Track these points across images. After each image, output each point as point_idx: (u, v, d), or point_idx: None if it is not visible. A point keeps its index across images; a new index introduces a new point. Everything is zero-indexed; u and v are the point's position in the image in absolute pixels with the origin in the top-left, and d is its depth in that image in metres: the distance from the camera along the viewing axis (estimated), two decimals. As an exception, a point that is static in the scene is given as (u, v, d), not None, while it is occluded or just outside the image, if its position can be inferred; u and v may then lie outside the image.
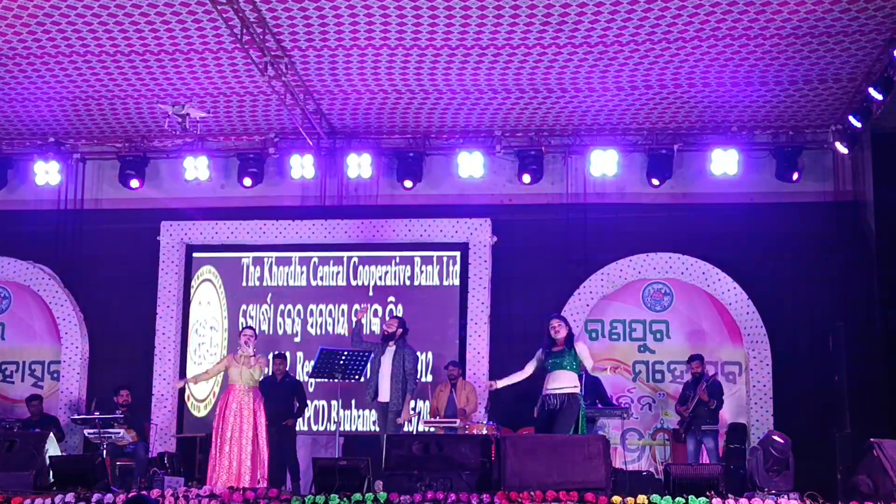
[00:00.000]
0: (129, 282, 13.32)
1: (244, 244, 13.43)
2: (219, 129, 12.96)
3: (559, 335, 9.12)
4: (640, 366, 12.70)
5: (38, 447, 7.95)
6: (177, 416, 13.10)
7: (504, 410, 11.71)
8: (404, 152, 13.08)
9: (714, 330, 12.70)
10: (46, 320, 13.50)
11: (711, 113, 12.17)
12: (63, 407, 13.02)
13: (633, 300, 12.90)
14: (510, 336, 12.79)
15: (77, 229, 13.56)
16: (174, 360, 13.15)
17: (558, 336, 9.12)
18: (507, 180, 13.15)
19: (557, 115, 12.30)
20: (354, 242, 13.28)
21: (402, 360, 10.79)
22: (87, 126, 12.82)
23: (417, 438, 8.15)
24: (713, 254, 12.67)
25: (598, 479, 7.37)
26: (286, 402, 11.85)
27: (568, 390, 8.97)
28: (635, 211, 12.94)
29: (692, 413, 11.29)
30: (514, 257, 13.03)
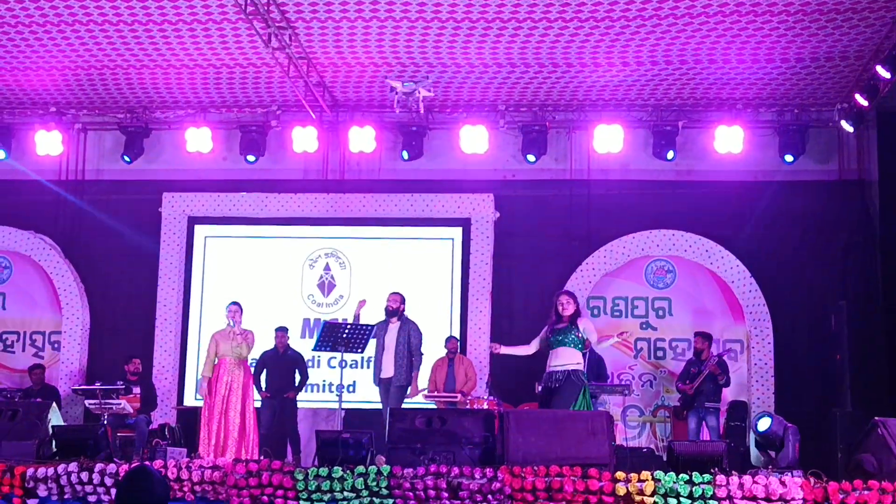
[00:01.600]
0: (131, 253, 13.30)
1: (246, 217, 13.40)
2: (221, 101, 12.89)
3: (566, 312, 9.00)
4: (642, 343, 12.71)
5: (41, 417, 7.93)
6: (177, 387, 13.12)
7: (505, 386, 11.72)
8: (407, 126, 13.02)
9: (716, 307, 12.71)
10: (47, 291, 13.48)
11: (717, 90, 12.12)
12: (63, 377, 13.02)
13: (636, 277, 12.89)
14: (511, 312, 12.81)
15: (78, 200, 13.52)
16: (175, 332, 13.15)
17: (566, 313, 9.00)
18: (511, 156, 13.11)
19: (562, 90, 12.24)
20: (356, 216, 13.25)
21: (408, 335, 10.77)
22: (88, 96, 12.75)
23: (420, 412, 8.12)
24: (716, 231, 12.66)
25: (601, 455, 7.34)
26: (288, 375, 11.87)
27: (570, 367, 8.88)
28: (639, 188, 12.90)
29: (696, 389, 11.26)
30: (516, 233, 13.01)
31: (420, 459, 7.40)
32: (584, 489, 7.03)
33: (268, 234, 13.49)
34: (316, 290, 13.35)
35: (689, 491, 6.97)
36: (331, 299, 13.30)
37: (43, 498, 7.34)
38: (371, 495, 7.20)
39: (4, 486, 7.33)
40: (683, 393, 11.46)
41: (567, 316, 9.00)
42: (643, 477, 7.05)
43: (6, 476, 7.34)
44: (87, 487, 7.30)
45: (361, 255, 13.35)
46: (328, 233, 13.41)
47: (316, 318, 13.16)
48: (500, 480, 7.09)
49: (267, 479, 7.26)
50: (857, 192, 12.54)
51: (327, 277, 13.37)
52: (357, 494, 7.20)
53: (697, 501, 6.97)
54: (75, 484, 7.31)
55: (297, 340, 12.57)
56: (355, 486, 7.19)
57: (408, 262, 13.19)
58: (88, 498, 7.32)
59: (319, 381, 12.89)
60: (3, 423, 7.91)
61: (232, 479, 7.26)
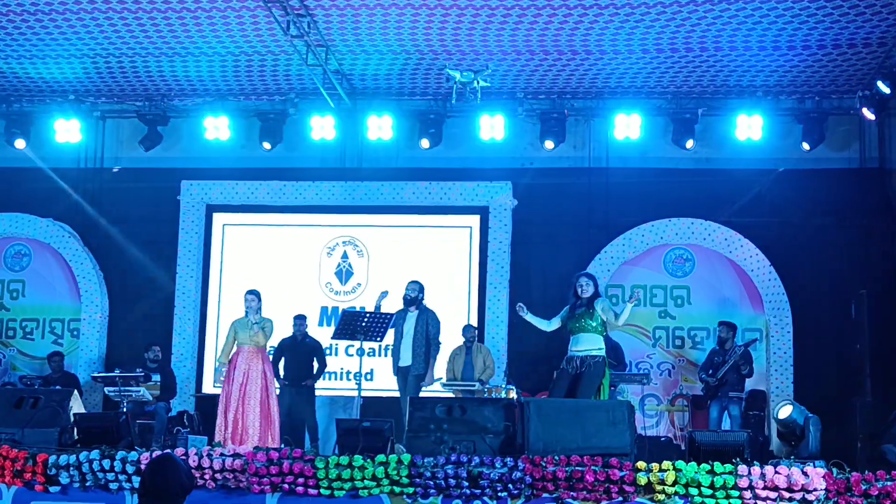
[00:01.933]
0: (150, 240, 13.34)
1: (264, 204, 13.41)
2: (239, 89, 12.87)
3: (586, 294, 8.98)
4: (661, 331, 12.69)
5: (63, 404, 7.97)
6: (196, 375, 13.16)
7: (523, 374, 11.71)
8: (425, 114, 12.99)
9: (735, 296, 12.65)
10: (67, 278, 13.53)
11: (737, 77, 12.03)
12: (83, 364, 13.08)
13: (655, 265, 12.85)
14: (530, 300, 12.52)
15: (97, 188, 13.56)
16: (194, 319, 13.19)
17: (585, 295, 8.97)
18: (529, 143, 13.07)
19: (581, 77, 12.17)
20: (374, 204, 13.24)
21: (426, 324, 10.77)
22: (107, 84, 12.75)
23: (440, 401, 8.12)
24: (736, 220, 12.60)
25: (622, 445, 7.33)
26: (306, 363, 11.87)
27: (592, 352, 8.84)
28: (658, 176, 12.84)
29: (720, 380, 11.21)
30: (534, 221, 12.98)
31: (440, 448, 7.40)
32: (605, 479, 7.04)
33: (286, 222, 13.49)
34: (333, 278, 13.36)
35: (710, 481, 6.97)
36: (348, 287, 13.31)
37: (65, 485, 7.40)
38: (391, 484, 7.22)
39: (27, 474, 7.39)
40: (707, 383, 11.40)
41: (587, 298, 8.96)
42: (664, 467, 7.05)
43: (29, 463, 7.40)
44: (109, 475, 7.35)
45: (379, 244, 13.34)
46: (346, 221, 13.41)
47: (334, 306, 13.18)
48: (520, 470, 7.10)
49: (287, 468, 7.29)
50: (878, 180, 12.45)
51: (345, 265, 13.38)
52: (377, 483, 7.23)
53: (719, 492, 6.97)
54: (97, 471, 7.37)
55: (315, 328, 12.59)
56: (376, 474, 7.22)
57: (426, 251, 13.18)
58: (110, 485, 7.37)
59: (337, 368, 12.91)
60: (26, 410, 7.97)
61: (253, 467, 7.29)
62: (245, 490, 7.31)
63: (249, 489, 7.29)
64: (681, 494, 7.00)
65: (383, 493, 7.23)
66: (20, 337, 13.50)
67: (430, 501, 7.21)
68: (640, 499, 7.03)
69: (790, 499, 6.90)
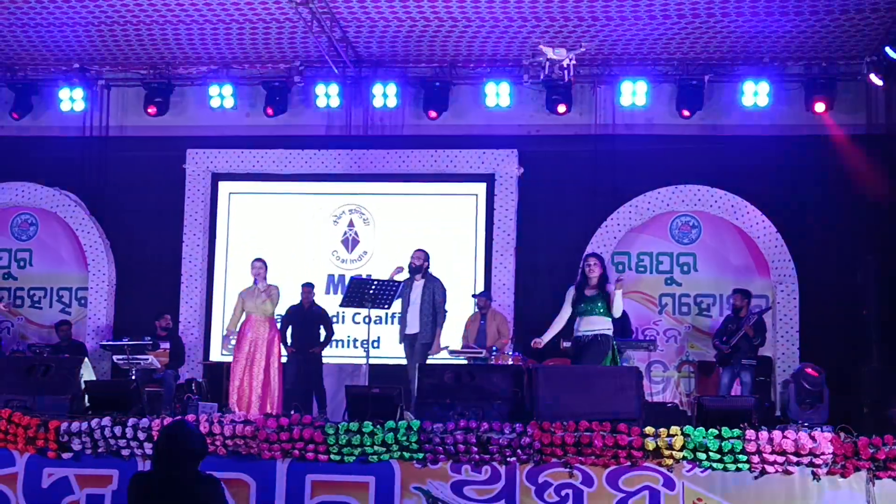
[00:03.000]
0: (156, 209, 13.34)
1: (269, 173, 13.41)
2: (244, 57, 12.84)
3: (593, 274, 8.97)
4: (667, 298, 12.71)
5: (74, 372, 8.01)
6: (203, 342, 13.21)
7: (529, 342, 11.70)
8: (431, 82, 12.96)
9: (741, 263, 12.67)
10: (73, 247, 13.56)
11: (744, 43, 11.98)
12: (90, 333, 13.13)
13: (661, 232, 12.85)
14: (536, 268, 12.81)
15: (102, 156, 13.56)
16: (201, 288, 13.23)
17: (592, 275, 8.98)
18: (535, 111, 13.04)
19: (588, 43, 12.06)
20: (380, 172, 13.23)
21: (432, 292, 10.79)
22: (111, 52, 12.72)
23: (449, 368, 8.15)
24: (742, 186, 12.57)
25: (630, 410, 7.35)
26: (313, 331, 11.92)
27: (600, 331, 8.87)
28: (664, 143, 12.82)
29: (734, 346, 11.23)
30: (540, 189, 12.96)
31: (449, 415, 7.43)
32: (613, 444, 7.06)
33: (292, 191, 13.48)
34: (340, 246, 13.37)
35: (718, 446, 7.00)
36: (355, 255, 13.33)
37: (77, 451, 7.44)
38: (401, 450, 7.25)
39: (39, 440, 7.43)
40: (720, 349, 11.41)
41: (594, 279, 8.97)
42: (672, 432, 7.08)
43: (41, 430, 7.43)
44: (121, 441, 7.38)
45: (385, 211, 13.35)
46: (352, 189, 13.40)
47: (340, 274, 13.21)
48: (529, 435, 7.13)
49: (298, 434, 7.32)
50: (886, 146, 12.41)
51: (351, 233, 13.39)
52: (387, 449, 7.26)
53: (727, 456, 7.00)
54: (109, 438, 7.40)
55: (322, 296, 12.61)
56: (385, 440, 7.25)
57: (432, 218, 13.19)
58: (122, 451, 7.41)
59: (344, 336, 12.94)
60: (37, 378, 7.99)
61: (263, 433, 7.32)
62: (256, 456, 7.34)
63: (260, 455, 7.33)
64: (689, 459, 7.03)
65: (393, 458, 7.27)
66: (28, 306, 13.55)
67: (439, 467, 7.25)
68: (648, 464, 7.07)
69: (798, 463, 6.93)
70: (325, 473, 7.32)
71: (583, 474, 7.12)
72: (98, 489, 7.43)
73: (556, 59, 10.79)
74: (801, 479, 6.96)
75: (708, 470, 7.03)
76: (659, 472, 7.08)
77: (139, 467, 7.30)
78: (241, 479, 7.32)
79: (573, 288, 9.09)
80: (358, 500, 7.26)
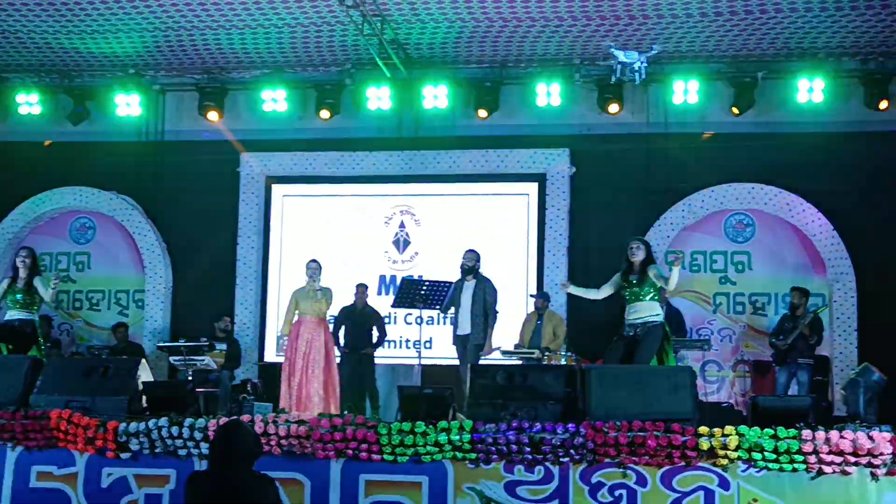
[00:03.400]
0: (211, 212, 13.50)
1: (322, 175, 13.50)
2: (296, 61, 12.94)
3: (636, 258, 8.81)
4: (721, 297, 12.61)
5: (132, 373, 8.12)
6: (258, 343, 13.34)
7: (582, 342, 11.69)
8: (481, 82, 12.97)
9: (797, 261, 12.52)
10: (130, 250, 13.76)
11: (798, 39, 11.83)
12: (147, 334, 13.32)
13: (715, 231, 12.74)
14: (588, 267, 12.69)
15: (158, 160, 13.74)
16: (255, 289, 13.37)
17: (635, 259, 8.81)
18: (587, 109, 12.99)
19: (639, 42, 12.00)
20: (431, 173, 13.26)
21: (483, 292, 10.80)
22: (166, 57, 12.89)
23: (502, 368, 8.14)
24: (797, 184, 12.42)
25: (684, 410, 7.29)
26: (366, 331, 11.98)
27: (649, 319, 8.71)
28: (718, 140, 12.71)
29: (790, 345, 11.08)
30: (592, 188, 12.91)
31: (502, 415, 7.42)
32: (667, 444, 7.02)
33: (343, 193, 13.57)
34: (391, 246, 13.43)
35: (773, 446, 6.92)
36: (406, 256, 13.38)
37: (135, 452, 7.55)
38: (454, 450, 7.27)
39: (98, 441, 7.55)
40: (777, 347, 11.28)
41: (637, 263, 8.83)
42: (727, 431, 7.01)
43: (100, 431, 7.55)
44: (178, 441, 7.48)
45: (436, 212, 13.38)
46: (403, 190, 13.45)
47: (392, 274, 13.26)
48: (582, 436, 7.11)
49: (351, 434, 7.36)
50: (944, 142, 12.20)
51: (402, 234, 13.44)
52: (440, 449, 7.28)
53: (782, 456, 6.92)
54: (166, 438, 7.50)
55: (374, 297, 12.67)
56: (438, 440, 7.26)
57: (483, 219, 13.19)
58: (179, 451, 7.51)
59: (397, 337, 13.00)
60: (96, 379, 8.12)
61: (317, 433, 7.38)
62: (310, 456, 7.40)
63: (314, 455, 7.39)
64: (744, 459, 6.97)
65: (446, 458, 7.29)
66: (86, 308, 13.78)
67: (492, 467, 7.26)
68: (702, 463, 7.01)
69: (856, 463, 6.84)
70: (379, 473, 7.36)
71: (636, 474, 7.08)
72: (156, 489, 7.54)
73: (628, 62, 10.77)
74: (858, 479, 6.87)
75: (763, 470, 6.96)
76: (714, 472, 7.02)
77: (196, 467, 7.39)
78: (295, 478, 7.39)
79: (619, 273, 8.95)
80: (411, 499, 7.29)
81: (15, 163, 13.83)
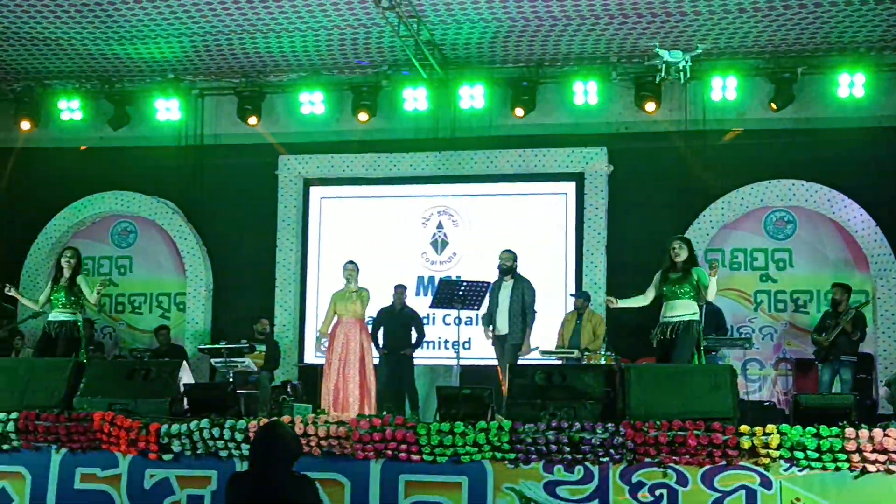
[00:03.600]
0: (250, 215, 13.60)
1: (359, 177, 13.54)
2: (333, 63, 12.99)
3: (679, 258, 8.79)
4: (762, 295, 12.49)
5: (173, 375, 8.19)
6: (298, 345, 13.41)
7: (621, 341, 11.64)
8: (517, 81, 12.94)
9: (839, 257, 12.38)
10: (171, 253, 13.90)
11: (838, 34, 11.70)
12: (189, 337, 13.44)
13: (755, 228, 12.63)
14: (627, 266, 12.65)
15: (198, 164, 13.85)
16: (294, 291, 13.44)
17: (678, 259, 8.78)
18: (624, 108, 12.94)
19: (676, 39, 11.93)
20: (468, 173, 13.26)
21: (522, 293, 10.78)
22: (205, 62, 12.99)
23: (540, 368, 8.12)
24: (839, 180, 12.29)
25: (725, 409, 7.24)
26: (404, 332, 12.01)
27: (686, 317, 8.65)
28: (757, 137, 12.61)
29: (832, 342, 10.97)
30: (630, 186, 12.86)
31: (541, 415, 7.40)
32: (707, 443, 6.96)
33: (381, 194, 13.61)
34: (429, 247, 13.45)
35: (816, 444, 6.85)
36: (444, 256, 13.39)
37: (177, 453, 7.61)
38: (493, 450, 7.26)
39: (141, 442, 7.63)
40: (819, 345, 11.18)
41: (680, 262, 8.80)
42: (768, 430, 6.95)
43: (142, 432, 7.63)
44: (219, 443, 7.53)
45: (474, 212, 13.38)
46: (440, 191, 13.47)
47: (430, 275, 13.28)
48: (622, 435, 7.08)
49: (390, 434, 7.38)
50: None
51: (440, 235, 13.45)
52: (479, 449, 7.27)
53: (825, 455, 6.84)
54: (207, 439, 7.55)
55: (412, 298, 12.69)
56: (477, 440, 7.26)
57: (521, 218, 13.17)
58: (220, 453, 7.56)
59: (435, 337, 13.01)
60: (138, 381, 8.20)
61: (357, 434, 7.40)
62: (350, 456, 7.43)
63: (354, 455, 7.41)
64: (786, 458, 6.90)
65: (485, 458, 7.29)
66: (128, 312, 13.92)
67: (531, 467, 7.24)
68: (744, 463, 6.95)
69: (900, 462, 6.75)
70: (418, 473, 7.37)
71: (677, 474, 7.04)
72: (198, 489, 7.60)
73: (673, 62, 10.73)
74: (904, 478, 6.78)
75: (806, 469, 6.89)
76: (755, 472, 6.96)
77: (237, 468, 7.44)
78: (336, 479, 7.42)
79: (660, 272, 8.92)
80: (451, 500, 7.29)
81: (57, 168, 14.01)
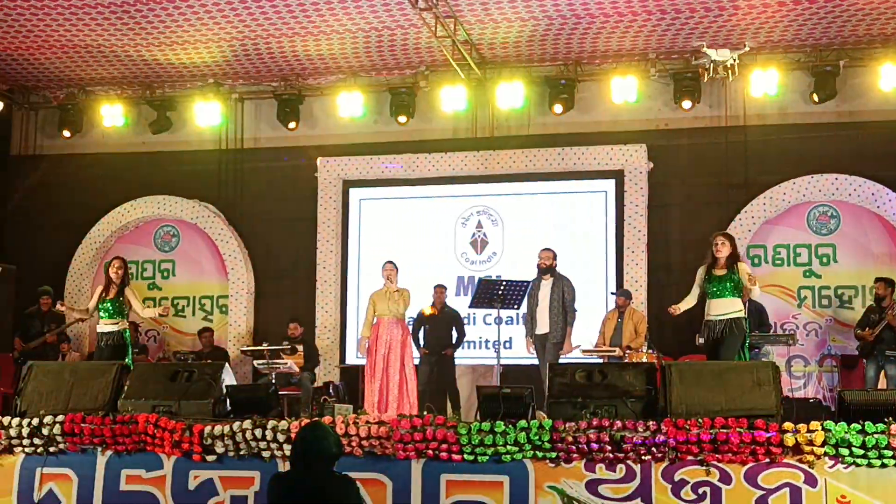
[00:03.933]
0: (290, 217, 13.69)
1: (398, 178, 13.58)
2: (371, 65, 13.04)
3: (721, 254, 8.72)
4: (806, 291, 12.37)
5: (216, 377, 8.23)
6: (339, 346, 13.47)
7: (664, 339, 11.58)
8: (555, 79, 12.91)
9: (885, 253, 12.22)
10: (213, 257, 14.01)
11: (881, 25, 11.56)
12: (231, 339, 13.55)
13: (798, 224, 12.51)
14: (668, 263, 12.63)
15: (238, 168, 13.96)
16: (335, 292, 13.49)
17: (720, 255, 8.72)
18: (663, 104, 12.87)
19: (715, 34, 11.86)
20: (507, 173, 13.25)
21: (562, 291, 10.75)
22: (244, 66, 13.09)
23: (580, 367, 8.08)
24: (883, 173, 12.14)
25: (768, 406, 7.15)
26: (445, 332, 12.02)
27: (731, 315, 8.61)
28: (798, 131, 12.49)
29: (876, 337, 10.83)
30: (671, 183, 12.80)
31: (581, 413, 7.37)
32: (750, 441, 6.88)
33: (420, 195, 13.63)
34: (469, 247, 13.45)
35: (861, 441, 6.76)
36: (484, 256, 13.39)
37: (220, 454, 7.67)
38: (534, 449, 7.23)
39: (185, 444, 7.68)
40: (862, 340, 11.04)
41: (723, 259, 8.73)
42: (812, 427, 6.87)
43: (186, 434, 7.68)
44: (262, 443, 7.56)
45: (513, 212, 13.36)
46: (480, 190, 13.46)
47: (470, 275, 13.28)
48: (664, 433, 7.02)
49: (431, 434, 7.37)
50: None
51: (480, 235, 13.45)
52: (520, 448, 7.25)
53: (871, 452, 6.75)
54: (250, 441, 7.59)
55: (452, 298, 12.69)
56: (518, 439, 7.23)
57: (560, 217, 13.14)
58: (263, 453, 7.59)
59: (476, 337, 13.01)
60: (181, 383, 8.25)
61: (397, 434, 7.41)
62: (391, 456, 7.44)
63: (395, 455, 7.42)
64: (831, 455, 6.81)
65: (526, 458, 7.25)
66: (172, 315, 14.03)
67: (573, 466, 7.21)
68: (788, 460, 6.88)
69: (949, 458, 6.65)
70: (460, 473, 7.35)
71: (720, 472, 6.96)
72: (241, 490, 7.63)
73: (720, 60, 10.68)
74: (953, 475, 6.68)
75: (851, 466, 6.79)
76: (800, 469, 6.87)
77: (279, 468, 7.46)
78: (377, 479, 7.41)
79: (703, 268, 8.86)
80: (492, 499, 7.27)
81: (101, 173, 14.18)
